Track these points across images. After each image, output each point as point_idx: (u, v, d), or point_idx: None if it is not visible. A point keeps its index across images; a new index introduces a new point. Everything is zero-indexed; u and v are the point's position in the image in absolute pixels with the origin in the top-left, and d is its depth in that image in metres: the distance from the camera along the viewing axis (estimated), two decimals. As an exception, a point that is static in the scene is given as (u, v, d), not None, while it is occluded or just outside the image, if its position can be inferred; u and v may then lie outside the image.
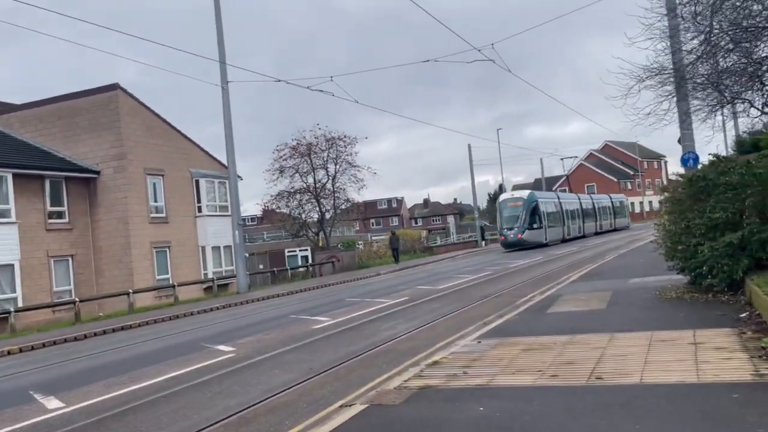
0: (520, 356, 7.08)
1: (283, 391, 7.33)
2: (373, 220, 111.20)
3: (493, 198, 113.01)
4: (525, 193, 40.02)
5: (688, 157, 18.64)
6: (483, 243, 54.40)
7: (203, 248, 30.37)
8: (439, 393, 5.87)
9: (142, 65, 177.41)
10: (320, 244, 37.99)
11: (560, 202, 42.74)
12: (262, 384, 7.89)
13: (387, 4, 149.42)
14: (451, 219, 62.47)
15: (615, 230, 52.73)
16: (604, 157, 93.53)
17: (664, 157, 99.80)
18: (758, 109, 11.05)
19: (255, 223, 79.10)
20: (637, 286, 12.60)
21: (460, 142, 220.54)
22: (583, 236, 45.33)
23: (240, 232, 26.09)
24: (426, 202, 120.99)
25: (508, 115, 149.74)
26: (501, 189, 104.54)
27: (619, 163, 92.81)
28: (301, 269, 34.79)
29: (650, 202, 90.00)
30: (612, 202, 54.52)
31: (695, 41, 9.63)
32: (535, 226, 37.44)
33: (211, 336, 13.36)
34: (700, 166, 19.92)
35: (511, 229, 37.41)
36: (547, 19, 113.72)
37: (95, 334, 16.88)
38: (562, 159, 79.54)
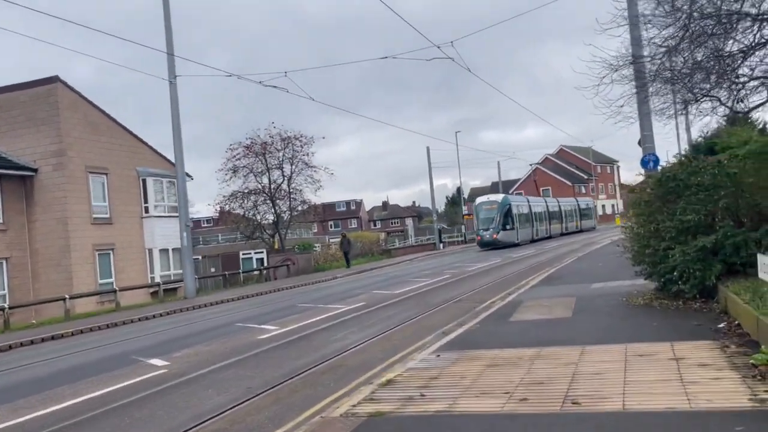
0: (484, 374, 6.31)
1: (214, 417, 6.37)
2: (331, 222, 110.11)
3: (451, 201, 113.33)
4: (499, 197, 42.24)
5: (648, 159, 18.37)
6: (441, 245, 54.08)
7: (150, 251, 28.83)
8: (391, 422, 5.03)
9: (100, 63, 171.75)
10: (276, 247, 36.81)
11: (530, 206, 45.42)
12: (192, 407, 6.91)
13: (349, 6, 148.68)
14: (409, 221, 62.05)
15: (581, 231, 54.88)
16: (559, 162, 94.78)
17: (617, 162, 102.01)
18: (728, 107, 10.60)
19: (210, 224, 77.00)
20: (601, 292, 12.06)
21: (420, 145, 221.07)
22: (550, 237, 47.67)
23: (188, 233, 24.74)
24: (385, 204, 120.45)
25: (466, 119, 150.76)
26: (459, 192, 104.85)
27: (573, 168, 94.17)
28: (255, 272, 33.54)
29: (603, 206, 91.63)
30: (578, 205, 57.74)
31: (670, 29, 9.08)
32: (508, 227, 40.06)
33: (146, 348, 12.21)
34: (659, 168, 19.79)
35: (486, 230, 39.80)
36: (501, 21, 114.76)
37: (21, 344, 15.44)
38: (531, 165, 79.95)
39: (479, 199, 43.52)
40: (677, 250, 8.91)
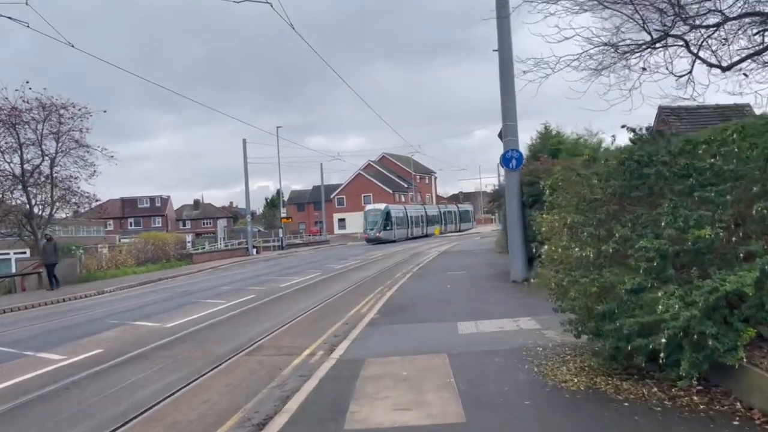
0: None
1: None
2: (132, 220, 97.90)
3: (270, 203, 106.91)
4: (382, 206, 55.68)
5: (511, 156, 14.74)
6: (254, 251, 48.10)
7: None
8: None
9: None
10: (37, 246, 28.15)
11: (407, 212, 58.67)
12: None
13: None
14: (220, 223, 54.96)
15: (461, 231, 69.30)
16: (381, 169, 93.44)
17: (435, 173, 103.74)
18: (693, 53, 6.81)
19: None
20: (484, 346, 7.59)
21: (241, 146, 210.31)
22: (426, 235, 59.81)
23: None
24: (197, 203, 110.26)
25: (292, 124, 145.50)
26: (279, 194, 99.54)
27: (394, 176, 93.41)
28: (6, 280, 24.81)
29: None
30: (459, 210, 75.41)
31: None
32: (387, 228, 52.90)
33: None
34: (522, 169, 16.44)
35: (372, 229, 52.98)
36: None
37: None
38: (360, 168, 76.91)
39: (367, 207, 57.29)
40: (676, 297, 4.56)
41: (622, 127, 6.15)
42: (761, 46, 6.81)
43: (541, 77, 7.93)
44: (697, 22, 6.87)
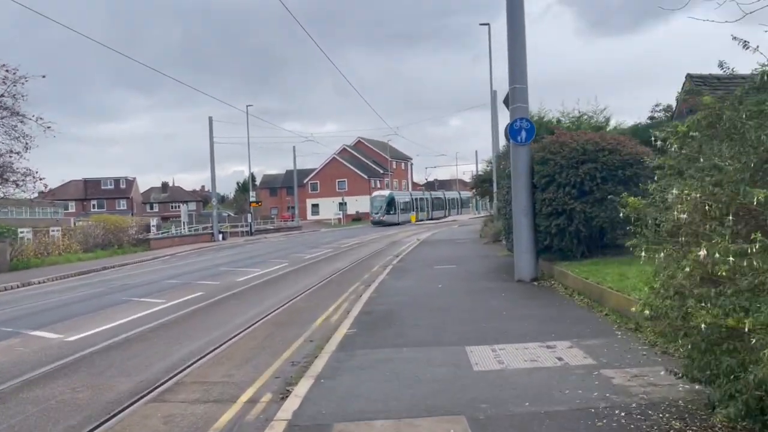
0: None
1: None
2: (95, 202, 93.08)
3: (242, 187, 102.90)
4: (386, 192, 61.82)
5: (520, 126, 11.91)
6: (220, 236, 44.80)
7: None
8: None
9: None
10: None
11: (411, 197, 65.18)
12: None
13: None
14: (184, 207, 51.42)
15: (462, 215, 73.80)
16: (356, 154, 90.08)
17: (411, 159, 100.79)
18: None
19: None
20: (524, 403, 4.76)
21: (218, 130, 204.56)
22: (431, 219, 64.65)
23: None
24: (165, 185, 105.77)
25: (269, 109, 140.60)
26: (253, 178, 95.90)
27: (370, 161, 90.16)
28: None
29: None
30: (460, 197, 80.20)
31: None
32: (391, 212, 57.79)
33: None
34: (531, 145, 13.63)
35: (377, 213, 57.42)
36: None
37: None
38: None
39: (375, 193, 63.26)
40: None
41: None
42: None
43: None
44: None
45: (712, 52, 5.54)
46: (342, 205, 76.20)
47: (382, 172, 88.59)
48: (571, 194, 11.22)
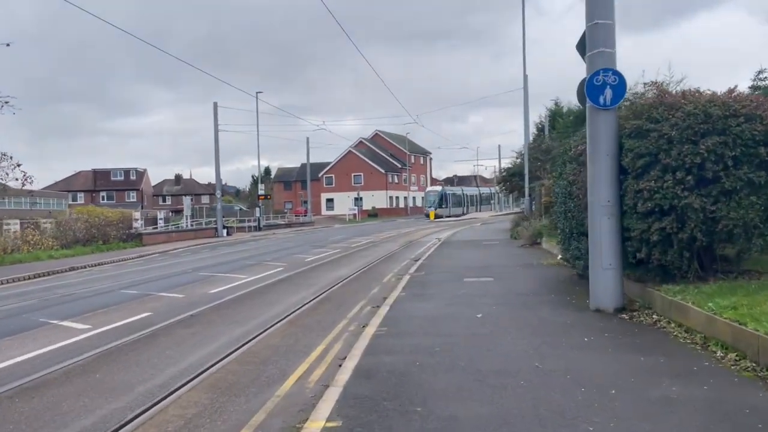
0: None
1: None
2: (104, 194, 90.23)
3: (256, 181, 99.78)
4: (438, 188, 66.40)
5: (603, 82, 8.02)
6: (224, 232, 41.48)
7: None
8: None
9: None
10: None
11: (462, 192, 70.28)
12: None
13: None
14: (186, 200, 48.16)
15: (480, 213, 74.47)
16: (373, 147, 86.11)
17: (430, 153, 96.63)
18: None
19: None
20: None
21: (239, 125, 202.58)
22: (479, 211, 70.86)
23: None
24: (178, 178, 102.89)
25: (290, 105, 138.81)
26: (267, 172, 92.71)
27: (388, 155, 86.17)
28: None
29: (414, 198, 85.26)
30: (480, 193, 78.72)
31: None
32: (443, 206, 61.48)
33: None
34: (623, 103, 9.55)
35: (430, 207, 60.41)
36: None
37: None
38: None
39: (428, 188, 70.52)
40: None
41: None
42: None
43: None
44: None
45: None
46: (357, 200, 72.34)
47: (400, 166, 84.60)
48: (685, 183, 7.32)
